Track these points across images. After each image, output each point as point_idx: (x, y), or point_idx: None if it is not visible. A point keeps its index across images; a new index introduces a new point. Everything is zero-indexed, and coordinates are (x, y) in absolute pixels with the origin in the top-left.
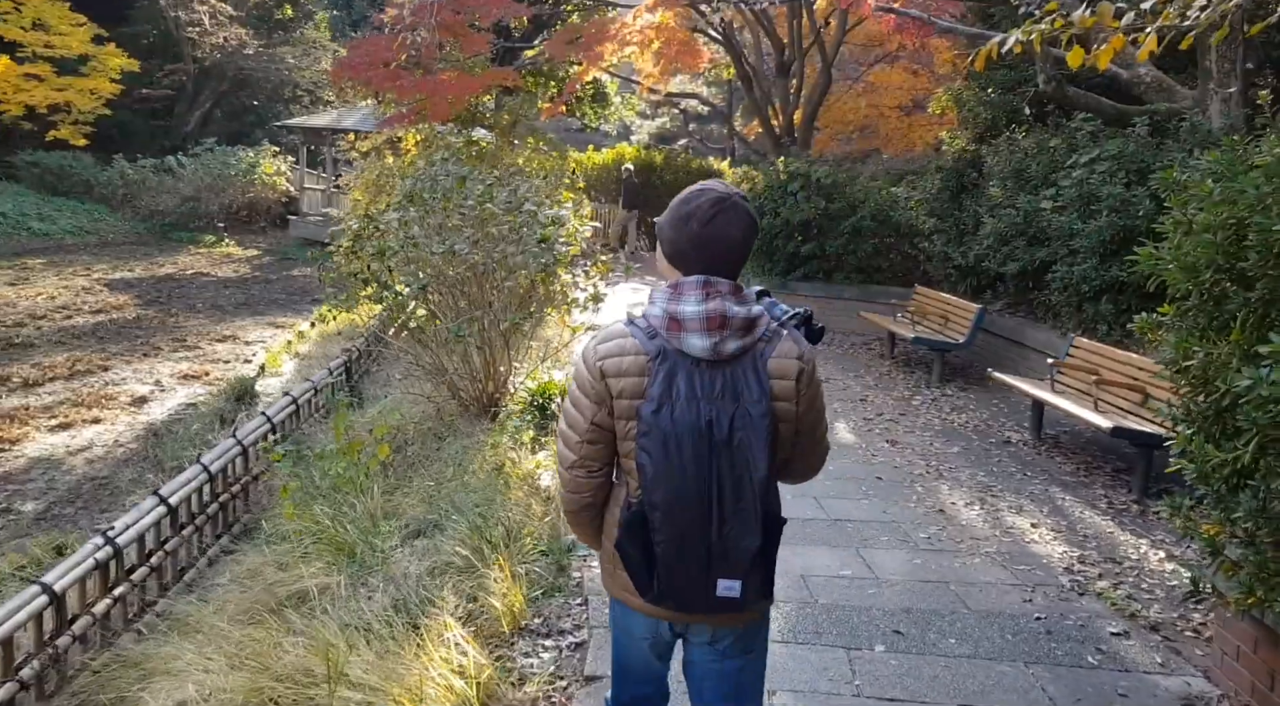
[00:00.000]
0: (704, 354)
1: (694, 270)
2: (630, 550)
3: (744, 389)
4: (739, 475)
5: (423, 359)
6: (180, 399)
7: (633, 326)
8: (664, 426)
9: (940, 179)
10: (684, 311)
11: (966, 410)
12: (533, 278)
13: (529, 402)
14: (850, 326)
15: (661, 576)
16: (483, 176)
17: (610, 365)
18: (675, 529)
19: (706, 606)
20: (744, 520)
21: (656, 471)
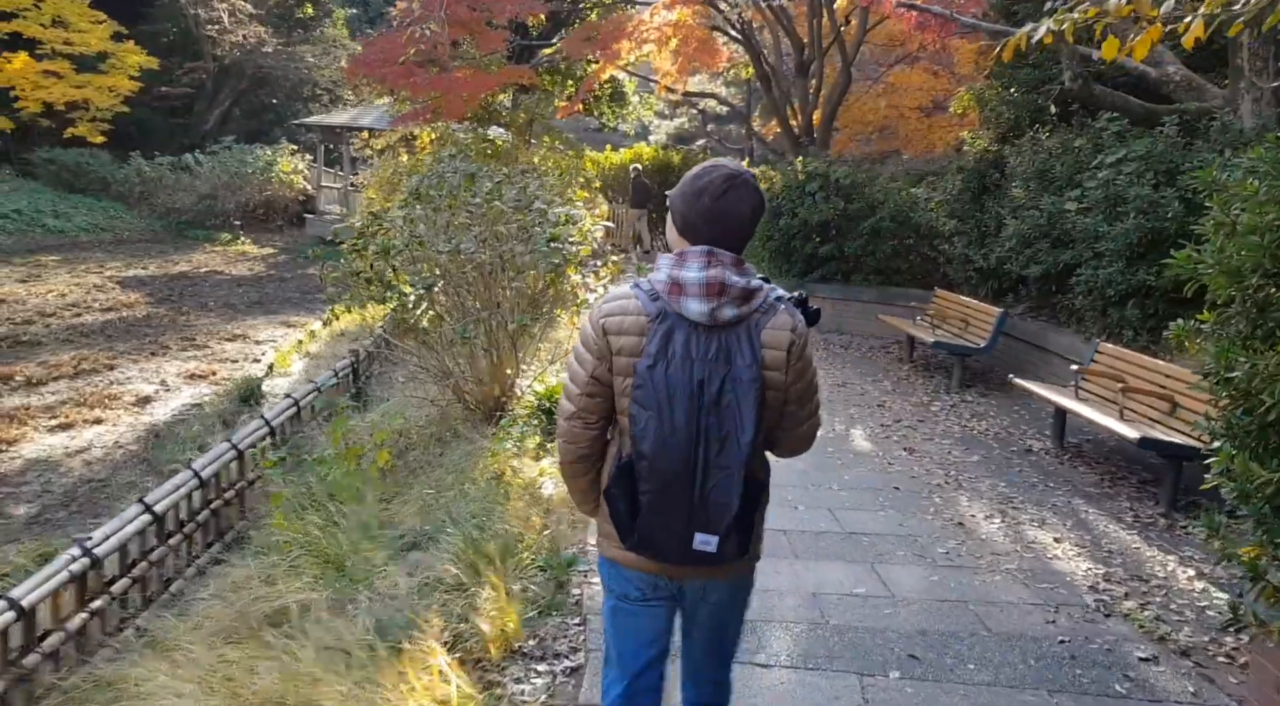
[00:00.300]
0: (701, 318)
1: (701, 242)
2: (616, 498)
3: (737, 354)
4: (725, 435)
5: (427, 361)
6: (185, 399)
7: (637, 288)
8: (657, 382)
9: (961, 180)
10: (686, 277)
11: (987, 417)
12: (542, 278)
13: (536, 407)
14: (868, 329)
15: (642, 524)
16: (491, 174)
17: (612, 323)
18: (660, 480)
19: (682, 558)
20: (726, 479)
21: (647, 424)
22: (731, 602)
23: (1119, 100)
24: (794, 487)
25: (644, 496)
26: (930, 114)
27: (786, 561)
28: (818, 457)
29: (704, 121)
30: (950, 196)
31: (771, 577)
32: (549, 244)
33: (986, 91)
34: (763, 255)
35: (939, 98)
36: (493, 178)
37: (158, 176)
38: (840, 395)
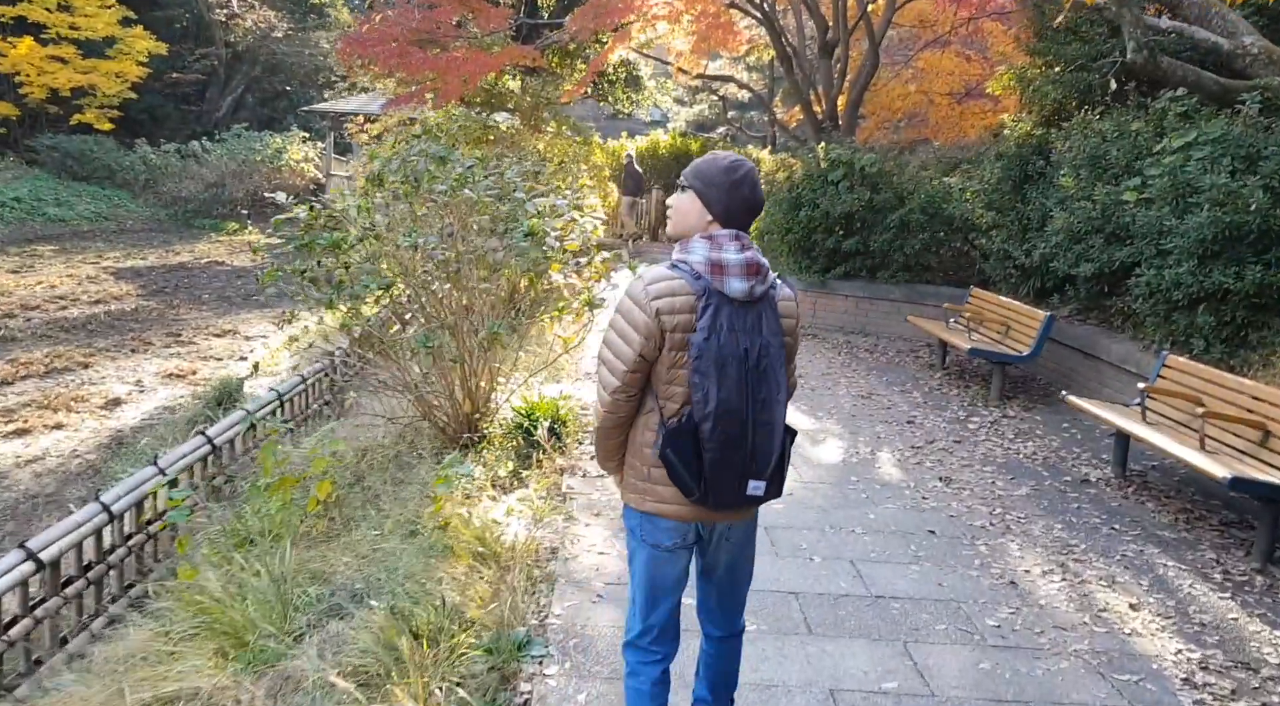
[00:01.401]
0: (740, 295)
1: (735, 226)
2: (676, 460)
3: (765, 324)
4: (766, 394)
5: (389, 373)
6: (158, 401)
7: (677, 269)
8: (712, 353)
9: (1001, 167)
10: (727, 259)
11: (1033, 436)
12: (519, 278)
13: (514, 426)
14: (896, 330)
15: (708, 480)
16: (463, 158)
17: (664, 304)
18: (725, 437)
19: (736, 503)
20: (770, 431)
21: (710, 390)
22: (746, 539)
23: (1190, 74)
24: (810, 531)
25: (708, 454)
26: (962, 100)
27: (797, 639)
28: (839, 490)
29: (725, 108)
30: (988, 186)
31: (777, 665)
32: (526, 238)
33: (1029, 70)
34: (781, 249)
35: (971, 83)
36: (464, 162)
37: (164, 164)
38: (865, 408)
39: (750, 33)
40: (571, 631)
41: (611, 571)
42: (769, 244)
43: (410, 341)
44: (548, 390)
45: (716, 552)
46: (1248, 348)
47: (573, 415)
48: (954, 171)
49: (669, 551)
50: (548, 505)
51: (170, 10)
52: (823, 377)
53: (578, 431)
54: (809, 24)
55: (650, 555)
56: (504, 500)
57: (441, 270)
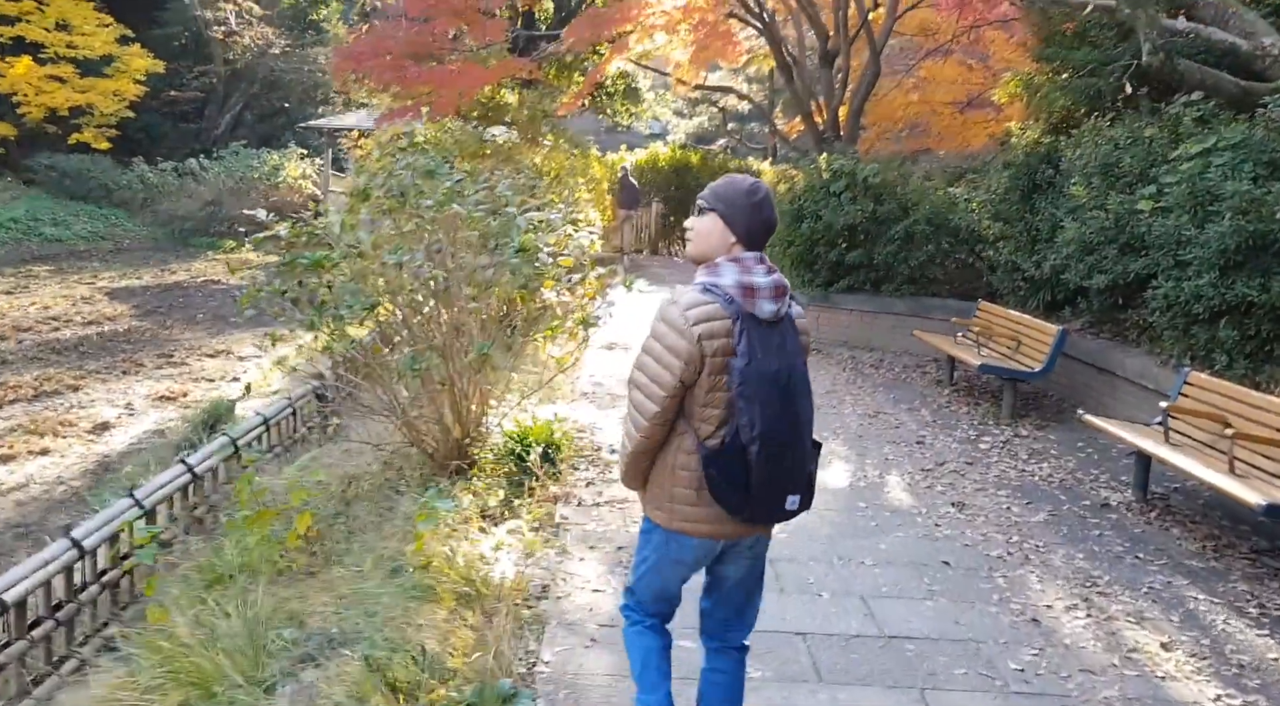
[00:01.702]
0: (769, 316)
1: (755, 247)
2: (722, 480)
3: (789, 343)
4: (797, 412)
5: (375, 397)
6: (148, 425)
7: (710, 293)
8: (753, 376)
9: (1008, 177)
10: (757, 282)
11: (1047, 456)
12: (511, 296)
13: (506, 451)
14: (901, 345)
15: (755, 498)
16: (452, 172)
17: (705, 329)
18: (771, 458)
19: (773, 519)
20: (804, 447)
21: (756, 412)
22: (765, 551)
23: (1208, 77)
24: (818, 563)
25: (756, 474)
26: (964, 109)
27: (806, 688)
28: (847, 518)
29: (725, 120)
30: (995, 196)
31: None
32: (517, 255)
33: (1036, 76)
34: (783, 263)
35: (974, 92)
36: (454, 176)
37: (161, 182)
38: (872, 428)
39: (749, 43)
40: (562, 680)
41: (606, 611)
42: (770, 257)
43: (397, 364)
44: (543, 412)
45: (731, 565)
46: (1273, 363)
47: (568, 439)
48: (959, 181)
49: (688, 566)
50: (539, 538)
51: (169, 28)
52: (828, 395)
53: (573, 456)
54: (809, 34)
55: (670, 567)
56: (494, 532)
57: (428, 289)
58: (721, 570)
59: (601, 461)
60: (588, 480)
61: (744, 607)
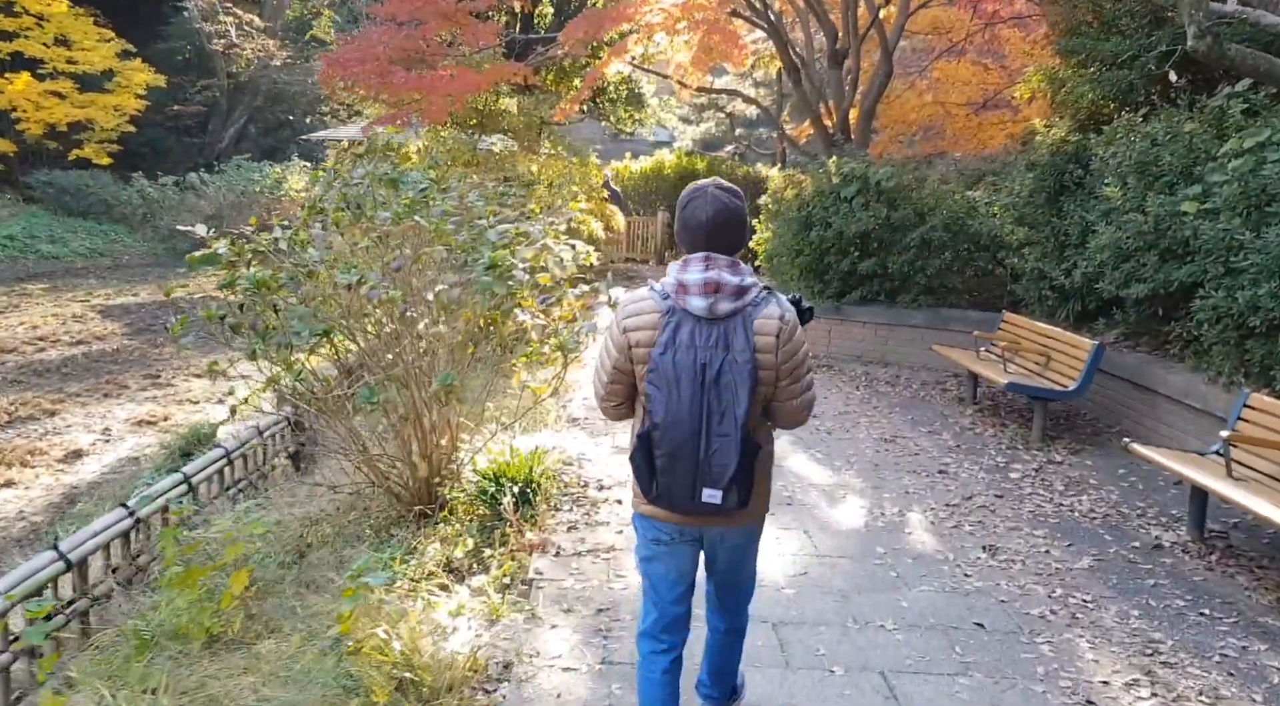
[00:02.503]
0: (702, 312)
1: (697, 248)
2: (639, 461)
3: (734, 341)
4: (725, 408)
5: (333, 432)
6: (124, 452)
7: (651, 290)
8: (667, 366)
9: (1033, 178)
10: (688, 279)
11: (1086, 487)
12: (482, 319)
13: (478, 493)
14: (918, 359)
15: (659, 482)
16: (418, 180)
17: (631, 322)
18: (671, 446)
19: (693, 509)
20: (726, 445)
21: (659, 400)
22: (745, 546)
23: (1261, 62)
24: (829, 627)
25: (659, 460)
26: (979, 111)
27: None
28: (863, 567)
29: (732, 126)
30: (1018, 199)
31: None
32: (488, 271)
33: (1062, 70)
34: (792, 273)
35: (989, 93)
36: (418, 184)
37: (161, 197)
38: (889, 455)
39: (755, 45)
40: None
41: (579, 696)
42: (778, 267)
43: (354, 397)
44: (527, 441)
45: (714, 553)
46: None
47: (550, 476)
48: (978, 185)
49: (665, 547)
50: (507, 600)
51: (173, 43)
52: (840, 417)
53: (556, 494)
54: (818, 35)
55: (649, 552)
56: (457, 591)
57: (386, 312)
58: (706, 555)
59: (587, 500)
60: (570, 523)
61: (728, 592)
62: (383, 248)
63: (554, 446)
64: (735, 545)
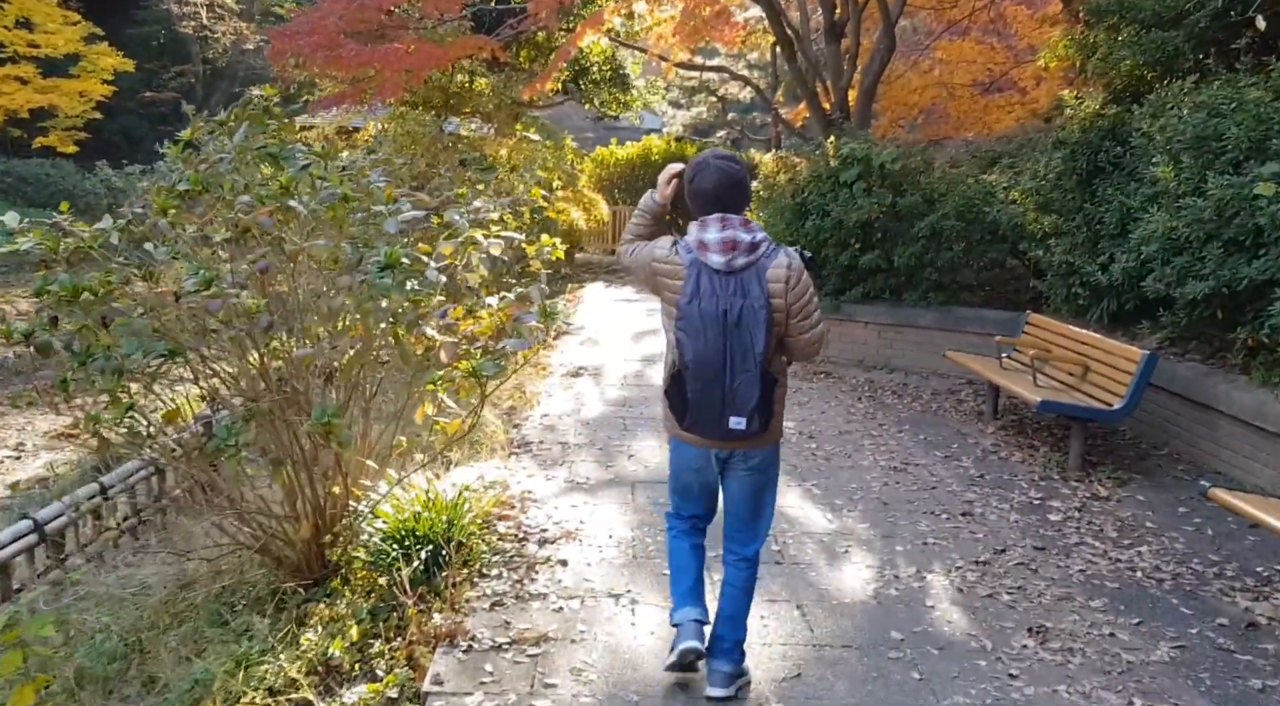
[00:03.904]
0: (721, 266)
1: (708, 211)
2: (674, 396)
3: (750, 289)
4: (745, 348)
5: (192, 483)
6: (33, 471)
7: (677, 246)
8: (694, 314)
9: (1061, 158)
10: (709, 238)
11: (1143, 532)
12: (378, 333)
13: (378, 552)
14: (927, 363)
15: (692, 412)
16: (303, 157)
17: (661, 267)
18: (701, 381)
19: (722, 435)
20: (748, 378)
21: (689, 344)
22: (766, 468)
23: None
24: None
25: (691, 395)
26: (985, 93)
27: None
28: (876, 663)
29: (724, 110)
30: (1044, 183)
31: None
32: (383, 272)
33: (1093, 35)
34: None
35: (996, 73)
36: (300, 161)
37: (128, 187)
38: (900, 489)
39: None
40: None
41: None
42: None
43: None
44: (463, 475)
45: (733, 479)
46: None
47: (479, 526)
48: (993, 167)
49: (692, 468)
50: None
51: (145, 27)
52: (840, 438)
53: (484, 553)
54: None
55: (680, 469)
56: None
57: (244, 322)
58: (727, 483)
59: (523, 561)
60: (495, 597)
61: (748, 518)
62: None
63: (493, 482)
64: (756, 466)
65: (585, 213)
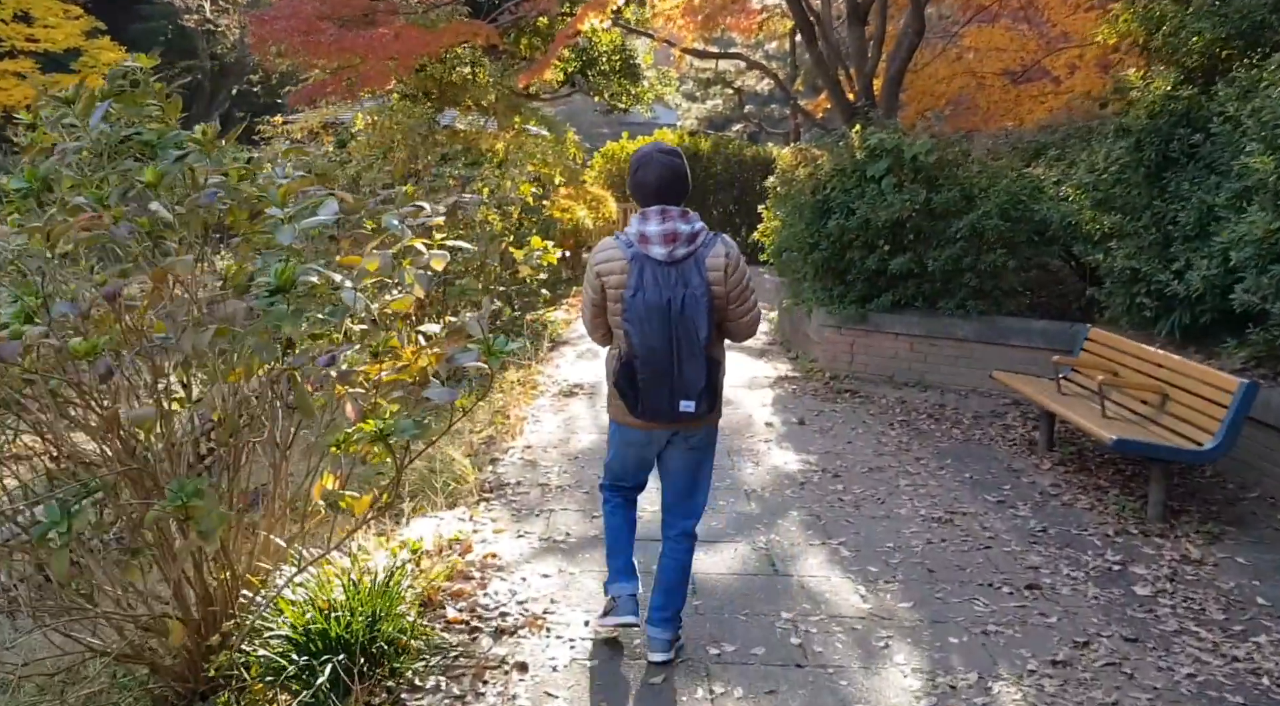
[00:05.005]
0: (662, 258)
1: (649, 204)
2: (624, 386)
3: (691, 279)
4: (690, 335)
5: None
6: None
7: (618, 240)
8: (639, 306)
9: (1126, 148)
10: (649, 231)
11: (1254, 612)
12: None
13: (275, 666)
14: (966, 381)
15: (643, 400)
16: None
17: (603, 267)
18: (650, 370)
19: (672, 417)
20: (694, 364)
21: (635, 335)
22: (703, 445)
23: None
24: None
25: (641, 382)
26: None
27: None
28: None
29: (740, 102)
30: (1103, 176)
31: None
32: (273, 298)
33: (1159, 6)
34: (805, 271)
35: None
36: (175, 150)
37: None
38: (948, 550)
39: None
40: None
41: None
42: (787, 263)
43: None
44: (423, 526)
45: (674, 456)
46: None
47: (422, 610)
48: (1038, 159)
49: (636, 446)
50: None
51: (152, 22)
52: (870, 477)
53: (424, 651)
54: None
55: (623, 449)
56: None
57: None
58: (667, 461)
59: (471, 664)
60: None
61: (686, 493)
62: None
63: (453, 539)
64: (696, 445)
65: (592, 211)
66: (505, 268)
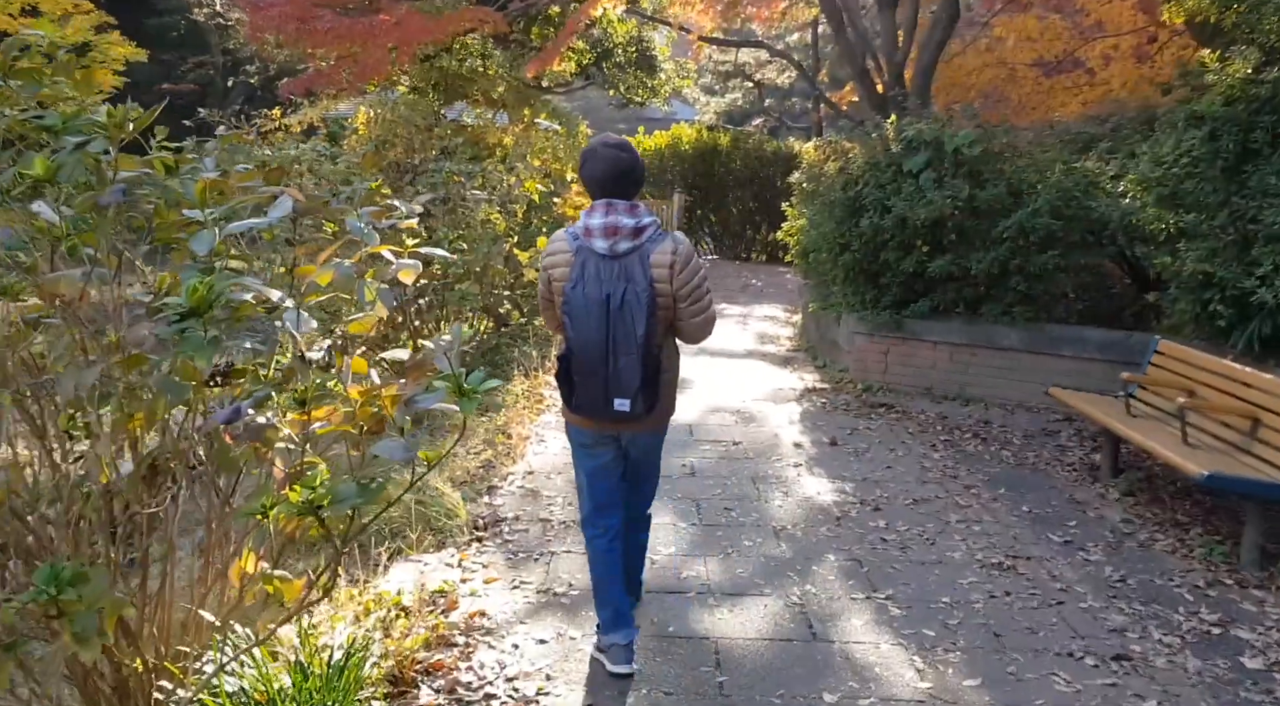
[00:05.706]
0: (605, 251)
1: (598, 195)
2: (561, 379)
3: (633, 274)
4: (627, 332)
5: None
6: None
7: (566, 233)
8: (578, 299)
9: (1199, 139)
10: (592, 224)
11: None
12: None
13: None
14: (1014, 394)
15: (578, 394)
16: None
17: (549, 261)
18: (585, 364)
19: (608, 416)
20: (630, 361)
21: (572, 327)
22: (653, 448)
23: None
24: None
25: (577, 376)
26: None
27: None
28: None
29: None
30: (1172, 171)
31: None
32: (184, 322)
33: None
34: (834, 274)
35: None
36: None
37: None
38: (1013, 606)
39: None
40: None
41: None
42: (814, 265)
43: None
44: (403, 574)
45: (630, 454)
46: None
47: (388, 696)
48: (1090, 152)
49: (588, 447)
50: None
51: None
52: (917, 511)
53: None
54: None
55: (578, 451)
56: None
57: None
58: (625, 458)
59: None
60: None
61: (635, 488)
62: None
63: (436, 592)
64: (645, 446)
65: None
66: (511, 270)
